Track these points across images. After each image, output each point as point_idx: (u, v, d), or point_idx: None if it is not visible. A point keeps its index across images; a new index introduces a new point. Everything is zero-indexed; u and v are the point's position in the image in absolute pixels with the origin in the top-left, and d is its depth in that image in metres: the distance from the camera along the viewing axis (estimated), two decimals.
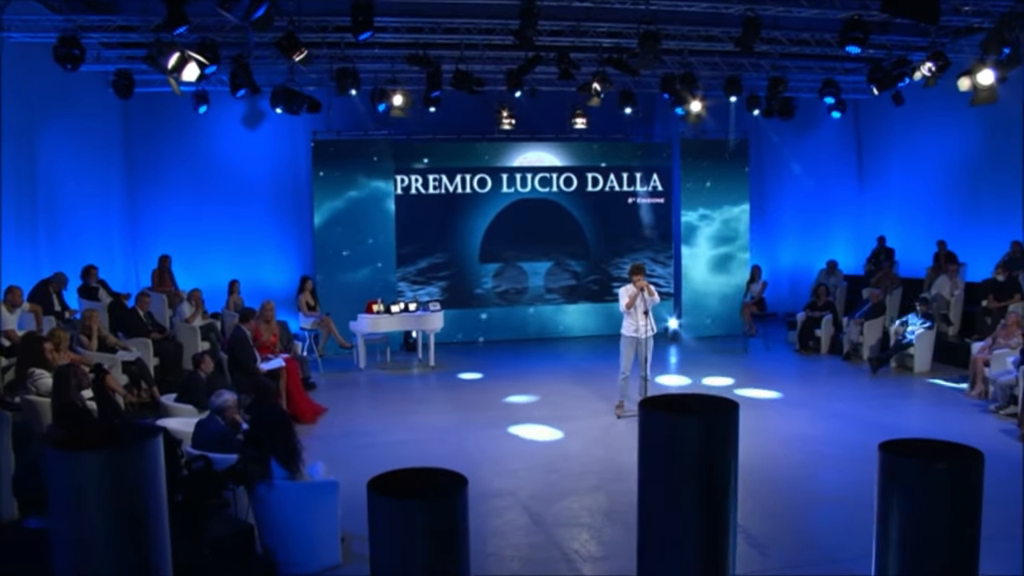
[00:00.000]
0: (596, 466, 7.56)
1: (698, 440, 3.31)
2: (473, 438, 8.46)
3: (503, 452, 7.99)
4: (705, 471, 3.32)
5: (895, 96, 12.11)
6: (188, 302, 11.53)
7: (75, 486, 2.91)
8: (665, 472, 3.33)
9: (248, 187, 14.39)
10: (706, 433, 3.32)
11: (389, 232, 13.97)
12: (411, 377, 11.90)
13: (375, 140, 13.93)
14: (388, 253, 13.98)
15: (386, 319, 12.07)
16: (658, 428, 3.37)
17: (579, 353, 13.51)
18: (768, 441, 8.26)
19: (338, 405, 9.81)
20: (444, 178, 14.47)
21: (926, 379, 10.96)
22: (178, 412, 7.43)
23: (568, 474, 7.32)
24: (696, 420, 3.33)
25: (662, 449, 3.35)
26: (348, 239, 13.78)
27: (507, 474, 7.30)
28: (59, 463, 2.94)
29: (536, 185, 14.82)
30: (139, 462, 2.98)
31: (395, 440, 8.41)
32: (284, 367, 9.07)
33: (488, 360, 13.00)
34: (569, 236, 15.04)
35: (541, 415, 9.38)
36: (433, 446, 8.18)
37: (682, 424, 3.31)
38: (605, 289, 15.25)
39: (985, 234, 12.80)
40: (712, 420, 3.37)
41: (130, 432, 3.19)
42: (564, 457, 7.82)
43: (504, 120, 14.18)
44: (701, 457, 3.31)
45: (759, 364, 12.53)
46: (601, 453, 7.97)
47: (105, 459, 2.93)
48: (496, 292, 14.83)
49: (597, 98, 12.15)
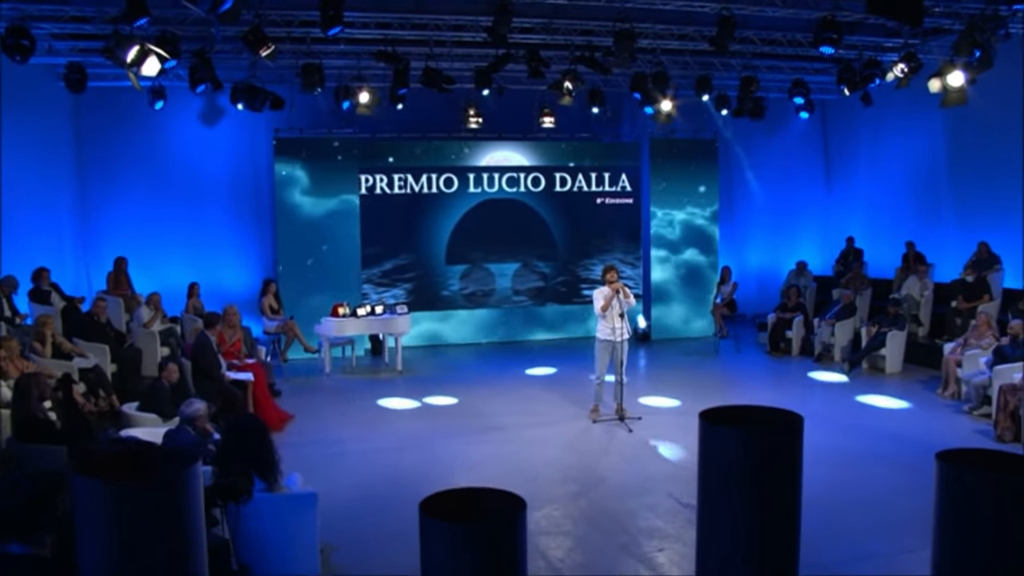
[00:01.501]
0: (574, 472, 7.56)
1: (762, 455, 3.24)
2: (446, 444, 8.41)
3: (478, 458, 7.95)
4: (769, 487, 3.25)
5: (864, 97, 12.30)
6: (146, 306, 11.30)
7: (112, 518, 2.71)
8: (727, 488, 3.26)
9: (207, 186, 14.13)
10: (770, 447, 3.26)
11: (353, 233, 13.82)
12: (379, 382, 11.77)
13: (339, 138, 13.77)
14: (353, 254, 13.83)
15: (352, 322, 11.92)
16: (721, 442, 3.29)
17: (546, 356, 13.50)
18: None
19: (305, 412, 9.67)
20: (410, 178, 14.36)
21: (898, 380, 11.16)
22: (141, 422, 7.22)
23: (547, 481, 7.30)
24: (760, 434, 3.26)
25: (725, 465, 3.28)
26: (311, 240, 13.59)
27: (484, 482, 7.02)
28: (91, 492, 2.73)
29: (503, 185, 14.78)
30: (183, 492, 2.81)
31: (367, 448, 8.32)
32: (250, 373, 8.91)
33: (456, 364, 12.93)
34: (537, 237, 15.03)
35: (515, 421, 9.34)
36: (407, 453, 8.10)
37: (747, 438, 3.23)
38: (573, 291, 15.28)
39: (950, 235, 13.10)
40: (776, 434, 3.30)
41: (156, 457, 3.03)
42: (542, 463, 7.81)
43: (471, 119, 14.13)
44: (765, 472, 3.24)
45: (731, 366, 12.64)
46: (579, 459, 7.98)
47: (147, 489, 2.76)
48: (463, 294, 14.76)
49: (568, 97, 12.14)
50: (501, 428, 9.03)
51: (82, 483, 2.75)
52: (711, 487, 3.33)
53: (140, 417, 7.44)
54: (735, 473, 3.18)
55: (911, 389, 10.59)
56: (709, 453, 3.32)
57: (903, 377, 11.30)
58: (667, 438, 8.51)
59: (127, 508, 2.72)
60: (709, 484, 3.33)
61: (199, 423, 5.52)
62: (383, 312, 12.29)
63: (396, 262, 14.34)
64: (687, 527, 6.17)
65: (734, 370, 12.35)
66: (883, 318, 11.66)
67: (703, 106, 14.57)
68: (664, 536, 6.05)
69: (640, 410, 9.42)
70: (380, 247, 14.19)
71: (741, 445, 3.20)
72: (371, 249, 14.06)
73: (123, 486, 2.73)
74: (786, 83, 13.55)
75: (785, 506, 3.24)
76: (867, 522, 6.26)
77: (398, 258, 14.35)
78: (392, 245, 14.29)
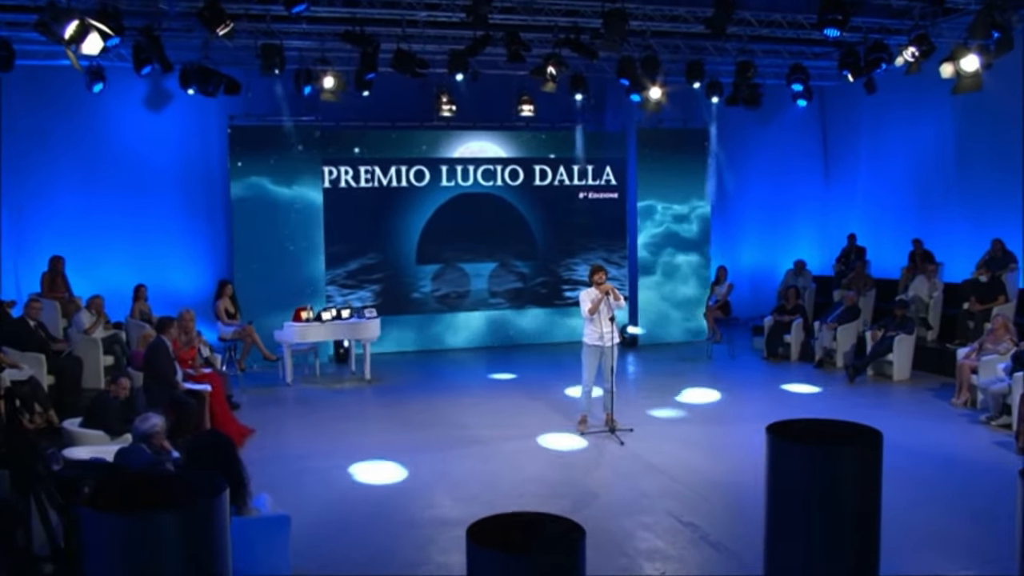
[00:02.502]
0: (564, 488, 7.50)
1: (842, 474, 3.16)
2: (423, 459, 8.29)
3: (458, 475, 7.86)
4: (847, 511, 3.17)
5: (867, 83, 12.38)
6: (87, 310, 11.06)
7: (132, 554, 2.58)
8: (800, 512, 3.18)
9: (153, 179, 13.86)
10: (849, 466, 3.19)
11: (316, 230, 13.67)
12: (345, 392, 11.64)
13: (300, 127, 13.59)
14: (315, 254, 13.68)
15: (316, 328, 11.79)
16: (794, 461, 3.21)
17: (528, 362, 13.45)
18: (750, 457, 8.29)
19: (267, 426, 9.50)
20: (377, 170, 14.24)
21: (906, 387, 11.22)
22: (86, 439, 7.01)
23: (535, 498, 7.22)
24: (839, 452, 3.18)
25: (798, 485, 3.20)
26: (270, 238, 13.42)
27: (467, 500, 7.15)
28: (108, 526, 2.58)
29: (479, 178, 14.71)
30: (211, 524, 2.67)
31: (336, 464, 8.16)
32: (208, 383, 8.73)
33: (429, 372, 12.84)
34: (515, 234, 14.98)
35: (496, 433, 9.26)
36: (380, 469, 7.97)
37: (824, 456, 3.16)
38: (554, 292, 15.25)
39: (960, 231, 13.22)
40: (856, 451, 3.22)
41: (172, 485, 2.87)
42: (527, 479, 7.74)
43: (444, 106, 14.05)
44: (842, 493, 3.16)
45: (726, 373, 12.65)
46: (567, 474, 7.92)
47: (174, 523, 2.61)
48: (435, 296, 14.66)
49: (551, 83, 12.08)
50: (481, 441, 8.95)
51: (94, 518, 2.59)
52: (781, 511, 3.24)
53: (84, 434, 7.22)
54: (809, 495, 3.09)
55: (921, 398, 10.65)
56: (780, 473, 3.23)
57: (912, 384, 11.36)
58: (662, 451, 8.45)
59: (148, 544, 2.59)
60: (779, 508, 3.25)
61: (156, 440, 5.36)
62: (350, 316, 12.16)
63: (363, 262, 14.21)
64: (689, 548, 6.12)
65: (730, 377, 12.34)
66: (889, 321, 11.73)
67: (694, 94, 14.58)
68: (666, 558, 5.99)
69: (631, 420, 9.36)
70: (345, 245, 14.04)
71: (817, 465, 3.11)
72: (335, 248, 13.92)
73: (144, 520, 2.59)
74: (783, 68, 13.59)
75: (865, 531, 3.16)
76: (893, 542, 6.24)
77: (365, 257, 14.23)
78: (358, 243, 14.16)
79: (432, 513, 6.90)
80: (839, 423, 3.47)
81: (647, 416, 9.83)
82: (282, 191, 13.49)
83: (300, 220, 13.59)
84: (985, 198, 12.75)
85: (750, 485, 7.50)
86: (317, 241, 13.68)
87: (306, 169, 13.64)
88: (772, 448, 3.33)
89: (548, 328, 15.19)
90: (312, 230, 13.64)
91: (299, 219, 13.58)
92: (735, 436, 9.04)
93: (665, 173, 15.18)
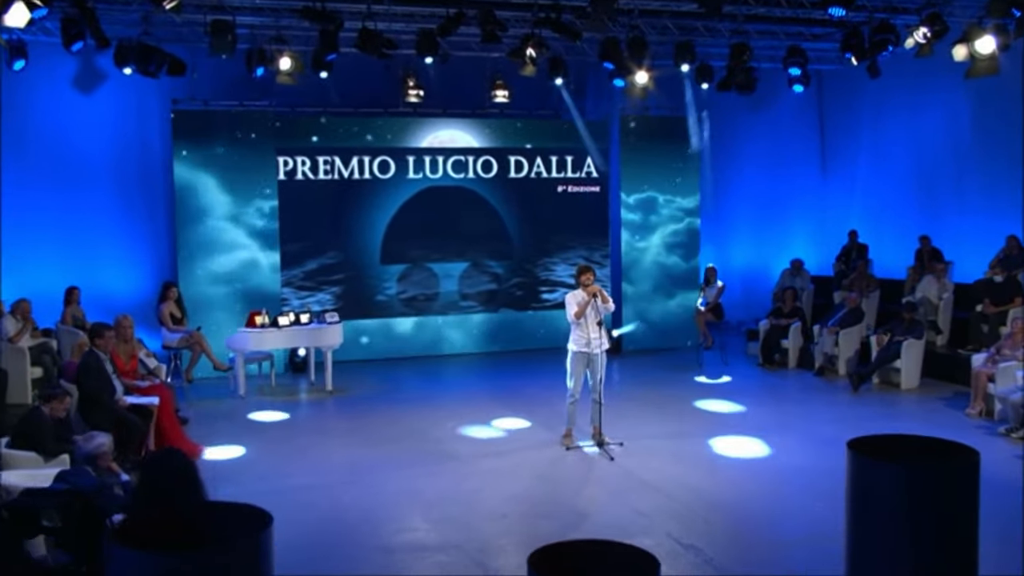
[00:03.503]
0: (549, 507, 7.47)
1: (933, 493, 3.12)
2: (394, 478, 8.23)
3: (434, 494, 7.80)
4: (940, 533, 3.12)
5: (871, 67, 12.43)
6: (12, 316, 10.86)
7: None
8: (888, 534, 3.12)
9: (85, 169, 13.59)
10: (943, 485, 3.14)
11: (270, 226, 13.51)
12: (303, 404, 11.54)
13: (252, 112, 13.40)
14: (270, 252, 13.52)
15: (273, 334, 11.66)
16: (881, 480, 3.15)
17: (505, 370, 13.40)
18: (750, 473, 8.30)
19: (220, 442, 9.34)
20: (337, 160, 14.13)
21: (916, 396, 11.29)
22: (16, 462, 6.77)
23: (519, 519, 7.19)
24: (930, 471, 3.13)
25: (886, 507, 3.14)
26: (219, 235, 13.24)
27: (445, 522, 7.09)
28: (142, 566, 2.48)
29: (449, 170, 14.65)
30: (257, 564, 2.60)
31: (298, 484, 8.07)
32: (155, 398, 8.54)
33: (396, 381, 12.76)
34: (488, 231, 14.94)
35: (472, 448, 9.24)
36: (346, 490, 7.91)
37: (914, 476, 3.11)
38: (531, 294, 15.21)
39: (971, 228, 13.33)
40: (949, 469, 3.18)
41: (212, 519, 2.73)
42: (510, 499, 7.70)
43: (410, 91, 13.99)
44: (936, 517, 3.11)
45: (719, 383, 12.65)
46: (553, 492, 7.89)
47: (219, 562, 2.53)
48: (401, 299, 14.56)
49: (531, 66, 12.02)
50: (456, 457, 8.90)
51: (125, 556, 2.48)
52: (866, 533, 3.17)
53: (13, 456, 6.97)
54: (898, 517, 3.02)
55: (933, 407, 10.71)
56: (864, 493, 3.18)
57: (922, 393, 11.43)
58: (655, 467, 8.43)
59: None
60: (864, 530, 3.18)
61: (102, 462, 5.19)
62: (310, 321, 12.04)
63: (321, 261, 14.11)
64: (693, 572, 6.07)
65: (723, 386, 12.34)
66: (896, 325, 11.79)
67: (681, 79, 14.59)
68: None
69: (619, 434, 9.31)
70: (302, 243, 13.93)
71: (907, 484, 3.04)
72: (291, 246, 13.79)
73: (189, 559, 2.49)
74: (778, 51, 13.62)
75: (961, 556, 3.10)
76: None
77: (324, 257, 14.12)
78: (316, 241, 14.06)
79: (406, 538, 6.81)
80: (922, 439, 3.41)
81: (636, 429, 9.77)
82: (232, 183, 13.29)
83: (252, 216, 13.42)
84: (999, 192, 12.84)
85: (753, 504, 7.52)
86: (271, 239, 13.52)
87: (259, 159, 13.45)
88: (856, 467, 3.27)
89: (525, 333, 15.14)
90: (266, 227, 13.48)
91: (251, 214, 13.41)
92: (733, 450, 9.04)
93: (651, 164, 15.17)
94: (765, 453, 8.95)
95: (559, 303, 14.87)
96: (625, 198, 15.14)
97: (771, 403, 11.27)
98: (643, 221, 15.23)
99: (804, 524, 7.02)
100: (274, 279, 13.57)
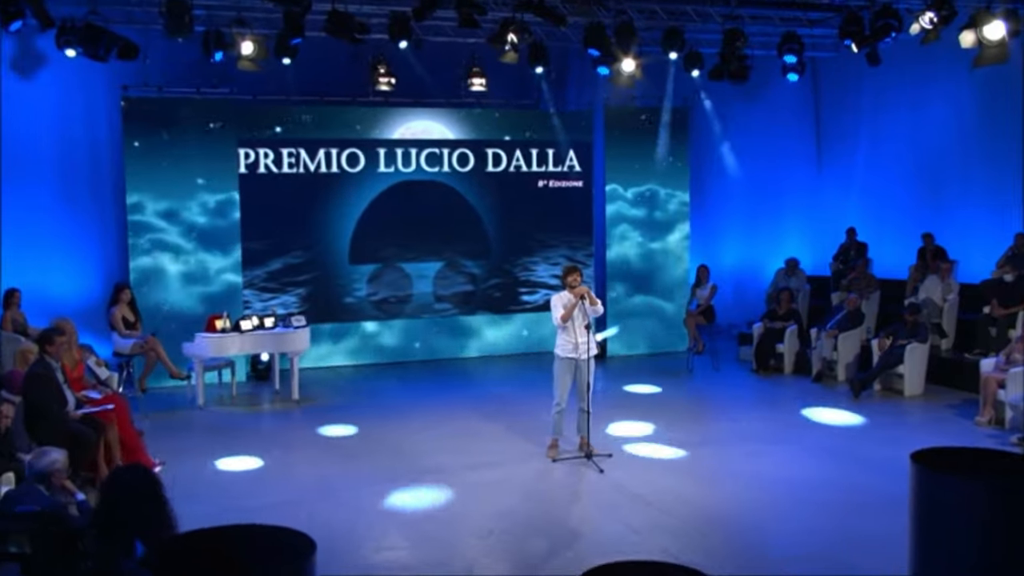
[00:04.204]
0: (540, 525, 7.42)
1: (1008, 513, 3.08)
2: (370, 495, 8.14)
3: (415, 511, 7.76)
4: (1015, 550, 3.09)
5: (870, 55, 12.49)
6: None
7: None
8: (959, 555, 3.08)
9: (24, 161, 13.21)
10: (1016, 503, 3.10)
11: (231, 223, 13.43)
12: (268, 415, 11.47)
13: (211, 101, 13.32)
14: (230, 252, 13.42)
15: (235, 339, 11.55)
16: (952, 496, 3.12)
17: (484, 377, 13.38)
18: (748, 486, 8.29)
19: (178, 457, 9.20)
20: (303, 153, 14.08)
21: (921, 404, 11.34)
22: None
23: (508, 538, 7.12)
24: (1008, 487, 3.10)
25: (958, 526, 3.11)
26: (175, 233, 13.13)
27: (428, 542, 7.03)
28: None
29: (422, 163, 14.65)
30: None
31: (267, 502, 7.96)
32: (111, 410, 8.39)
33: (367, 390, 12.71)
34: (464, 229, 14.96)
35: (451, 461, 9.17)
36: (320, 507, 7.80)
37: (990, 492, 3.09)
38: (509, 296, 15.22)
39: (977, 225, 13.43)
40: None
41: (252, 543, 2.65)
42: (495, 515, 7.64)
43: (381, 79, 13.91)
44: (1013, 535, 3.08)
45: (711, 389, 12.66)
46: (542, 508, 7.85)
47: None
48: (372, 301, 14.53)
49: (513, 53, 12.01)
50: (435, 471, 8.82)
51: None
52: (935, 554, 3.13)
53: None
54: (971, 536, 2.98)
55: (940, 416, 10.74)
56: (933, 510, 3.13)
57: (927, 400, 11.48)
58: (647, 480, 8.41)
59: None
60: (932, 550, 3.13)
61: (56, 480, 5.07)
62: (275, 325, 11.96)
63: (286, 261, 14.08)
64: None
65: (716, 393, 12.36)
66: (899, 327, 11.84)
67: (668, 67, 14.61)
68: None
69: (607, 445, 9.30)
70: (265, 242, 13.88)
71: (981, 501, 3.00)
72: (253, 244, 13.73)
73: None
74: (771, 38, 13.67)
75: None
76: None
77: (288, 256, 14.09)
78: (280, 239, 14.02)
79: (387, 557, 6.75)
80: (990, 452, 3.38)
81: (626, 439, 9.76)
82: (189, 177, 13.19)
83: (211, 212, 13.33)
84: (1007, 186, 12.92)
85: (752, 518, 7.52)
86: (232, 237, 13.44)
87: (219, 151, 13.37)
88: (925, 482, 3.27)
89: (504, 337, 15.17)
90: (226, 223, 13.40)
91: (210, 211, 13.32)
92: (728, 461, 9.06)
93: (638, 158, 15.19)
94: (762, 464, 8.94)
95: (540, 305, 14.96)
96: (610, 193, 15.13)
97: (767, 411, 11.28)
98: (629, 218, 15.22)
99: (807, 539, 7.02)
100: (235, 280, 13.47)
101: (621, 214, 15.21)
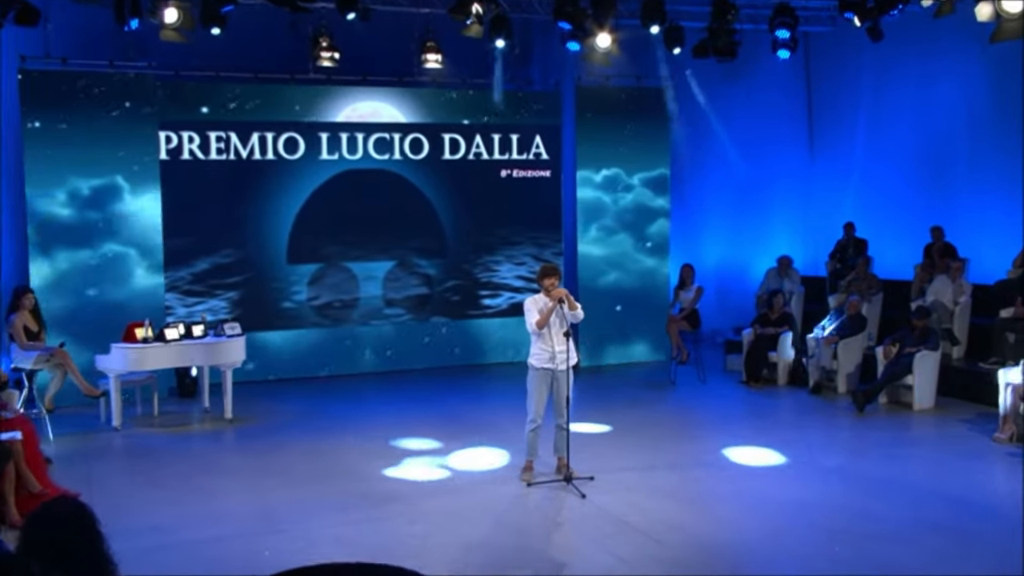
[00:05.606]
0: (520, 556, 7.38)
1: None
2: (321, 526, 8.06)
3: (374, 544, 7.62)
4: None
5: (872, 30, 12.61)
6: None
7: None
8: None
9: None
10: None
11: (151, 217, 13.34)
12: (198, 437, 11.37)
13: (126, 76, 13.22)
14: (150, 249, 13.33)
15: (158, 351, 11.40)
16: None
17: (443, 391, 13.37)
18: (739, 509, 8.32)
19: (95, 486, 9.04)
20: (234, 137, 14.08)
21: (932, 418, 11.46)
22: None
23: (483, 570, 7.07)
24: None
25: None
26: (84, 229, 13.01)
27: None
28: None
29: (370, 150, 14.71)
30: None
31: (204, 536, 7.83)
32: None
33: (310, 406, 12.68)
34: (418, 224, 15.04)
35: (413, 486, 9.16)
36: (264, 541, 7.68)
37: None
38: (469, 300, 15.30)
39: (989, 220, 13.62)
40: None
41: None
42: (465, 547, 7.59)
43: (323, 54, 13.86)
44: None
45: (698, 402, 12.72)
46: (520, 538, 7.80)
47: None
48: (313, 306, 14.54)
49: (478, 25, 12.02)
50: (396, 497, 8.78)
51: None
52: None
53: None
54: None
55: (955, 432, 10.84)
56: None
57: (939, 414, 11.60)
58: (634, 504, 8.41)
59: None
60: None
61: None
62: (204, 334, 11.84)
63: (214, 261, 14.06)
64: None
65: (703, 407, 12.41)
66: (906, 334, 11.96)
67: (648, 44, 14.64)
68: None
69: (588, 466, 9.27)
70: (190, 239, 13.87)
71: None
72: (176, 242, 13.70)
73: None
74: (760, 10, 13.78)
75: None
76: None
77: (217, 255, 14.08)
78: (208, 236, 14.01)
79: None
80: None
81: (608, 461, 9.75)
82: (101, 165, 13.06)
83: (127, 204, 13.22)
84: None
85: (754, 546, 7.52)
86: (152, 232, 13.35)
87: (136, 135, 13.27)
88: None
89: (466, 346, 15.25)
90: (145, 218, 13.31)
91: (126, 203, 13.21)
92: (721, 484, 9.09)
93: (612, 144, 15.28)
94: (760, 486, 8.99)
95: (503, 310, 14.96)
96: (581, 184, 15.16)
97: (761, 427, 11.36)
98: (603, 211, 15.28)
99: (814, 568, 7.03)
100: (155, 283, 13.37)
101: (594, 206, 15.23)
